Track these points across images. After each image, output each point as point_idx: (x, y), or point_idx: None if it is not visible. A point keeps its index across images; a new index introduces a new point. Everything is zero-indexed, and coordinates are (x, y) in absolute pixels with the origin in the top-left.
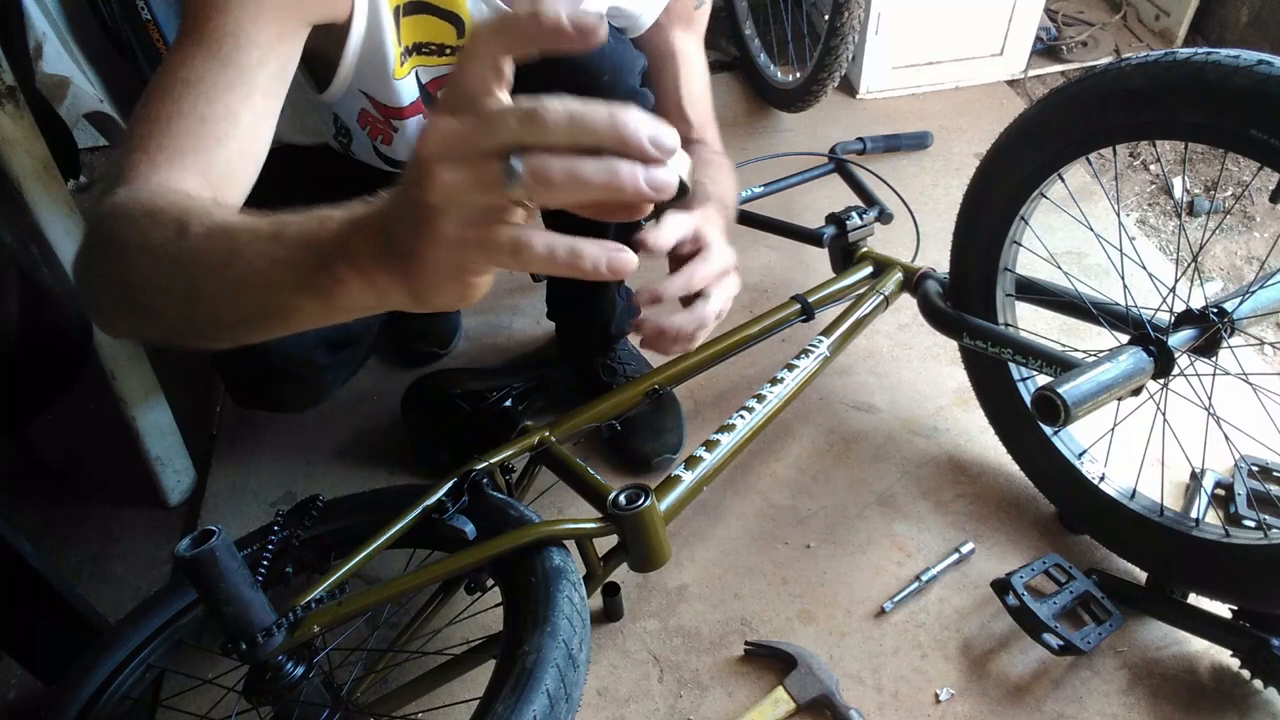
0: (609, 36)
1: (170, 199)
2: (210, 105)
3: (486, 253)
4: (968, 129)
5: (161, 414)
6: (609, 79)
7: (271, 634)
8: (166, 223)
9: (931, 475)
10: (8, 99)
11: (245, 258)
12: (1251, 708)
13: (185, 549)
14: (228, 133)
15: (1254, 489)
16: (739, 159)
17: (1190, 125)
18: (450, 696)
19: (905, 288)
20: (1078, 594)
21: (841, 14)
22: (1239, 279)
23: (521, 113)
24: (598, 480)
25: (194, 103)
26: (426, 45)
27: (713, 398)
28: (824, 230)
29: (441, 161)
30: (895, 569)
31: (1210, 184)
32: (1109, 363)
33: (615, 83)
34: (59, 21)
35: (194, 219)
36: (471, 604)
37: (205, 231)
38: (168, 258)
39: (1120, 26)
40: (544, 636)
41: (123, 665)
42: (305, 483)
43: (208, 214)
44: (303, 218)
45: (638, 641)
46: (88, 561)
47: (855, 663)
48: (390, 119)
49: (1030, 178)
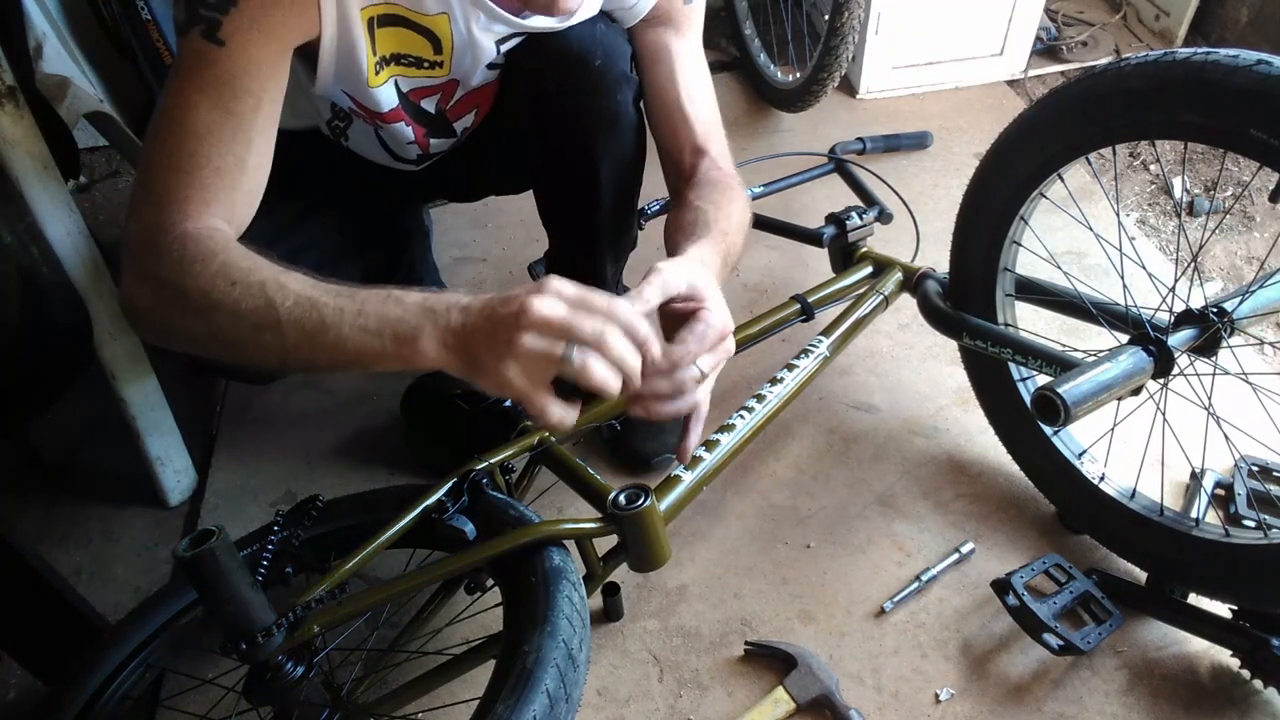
0: (600, 22)
1: (244, 266)
2: (222, 157)
3: (530, 385)
4: (968, 129)
5: (161, 414)
6: (601, 63)
7: (271, 634)
8: (254, 293)
9: (931, 475)
10: (8, 99)
11: (336, 330)
12: (1251, 708)
13: (185, 549)
14: (238, 179)
15: (1254, 489)
16: (739, 159)
17: (1190, 125)
18: (450, 696)
19: (905, 288)
20: (1078, 594)
21: (841, 14)
22: (1239, 279)
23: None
24: (598, 480)
25: (208, 156)
26: (404, 56)
27: (713, 398)
28: (824, 230)
29: (533, 330)
30: (895, 569)
31: (1210, 184)
32: (1109, 363)
33: (607, 67)
34: (59, 21)
35: (275, 292)
36: (471, 604)
37: (294, 304)
38: (265, 325)
39: (1120, 26)
40: (544, 636)
41: (123, 665)
42: (305, 483)
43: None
44: (378, 298)
45: (638, 641)
46: (88, 561)
47: (855, 663)
48: (375, 119)
49: (1030, 178)
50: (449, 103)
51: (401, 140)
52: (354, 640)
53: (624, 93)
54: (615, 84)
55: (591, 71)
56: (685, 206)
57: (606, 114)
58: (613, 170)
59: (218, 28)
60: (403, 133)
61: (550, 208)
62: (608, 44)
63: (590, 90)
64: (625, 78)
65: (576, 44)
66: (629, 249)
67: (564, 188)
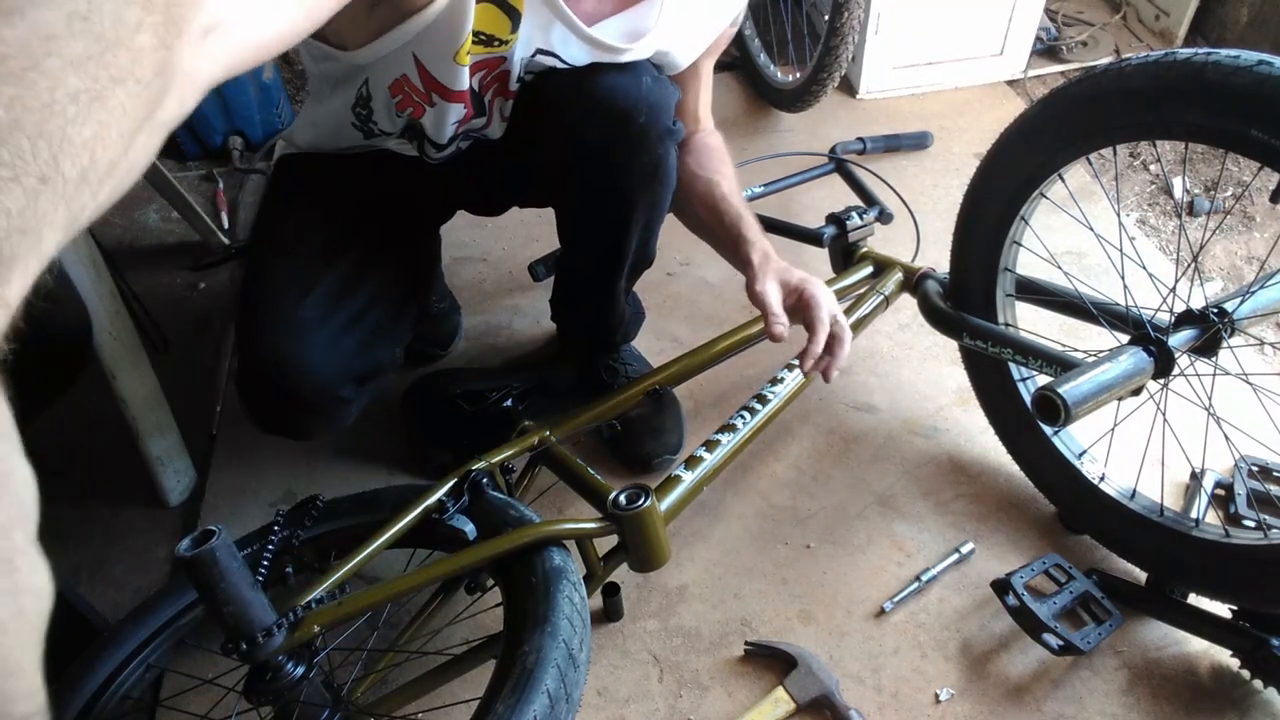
0: (646, 75)
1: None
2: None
3: None
4: (968, 129)
5: (161, 414)
6: (645, 120)
7: (271, 634)
8: None
9: (931, 475)
10: None
11: None
12: (1251, 708)
13: (185, 549)
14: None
15: (1254, 489)
16: (739, 159)
17: (1190, 125)
18: (450, 696)
19: (905, 288)
20: (1078, 594)
21: (841, 14)
22: (1239, 279)
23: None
24: (598, 480)
25: None
26: (482, 34)
27: (713, 398)
28: (824, 230)
29: None
30: (895, 569)
31: (1210, 184)
32: (1109, 363)
33: (650, 124)
34: None
35: None
36: (471, 604)
37: None
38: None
39: (1120, 26)
40: (544, 636)
41: (123, 665)
42: (305, 483)
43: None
44: None
45: (638, 641)
46: (88, 561)
47: (855, 663)
48: (432, 92)
49: (1030, 178)
50: (488, 77)
51: (447, 119)
52: (354, 640)
53: (665, 146)
54: (658, 140)
55: (635, 129)
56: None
57: (647, 170)
58: (645, 216)
59: None
60: (456, 112)
61: (573, 237)
62: (653, 100)
63: (632, 148)
64: (668, 132)
65: (621, 99)
66: (644, 270)
67: (593, 226)
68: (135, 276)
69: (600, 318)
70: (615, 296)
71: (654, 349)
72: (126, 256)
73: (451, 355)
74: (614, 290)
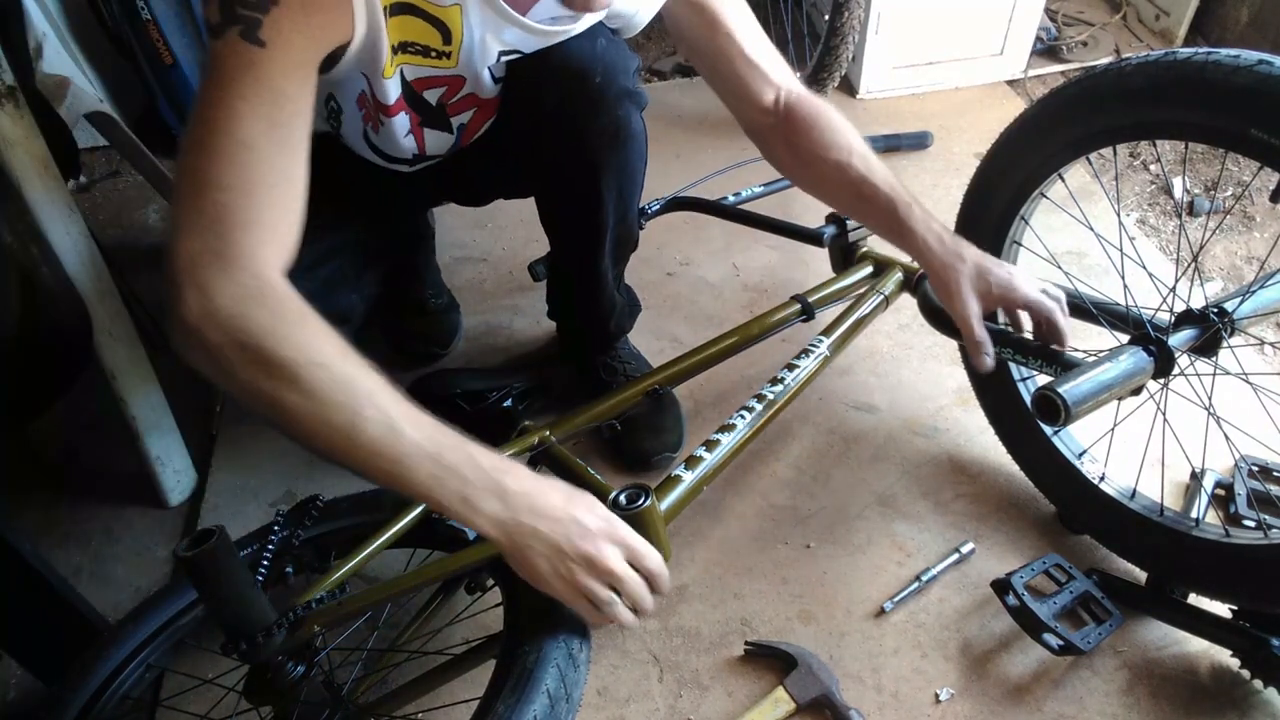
0: (601, 36)
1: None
2: (272, 171)
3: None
4: (968, 129)
5: (161, 414)
6: (601, 79)
7: (271, 634)
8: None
9: (931, 475)
10: (8, 99)
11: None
12: (1251, 708)
13: (185, 549)
14: (287, 195)
15: (1254, 489)
16: (739, 159)
17: (1190, 125)
18: (450, 696)
19: (905, 288)
20: (1078, 594)
21: (841, 14)
22: (1239, 279)
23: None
24: (598, 480)
25: (259, 170)
26: (412, 44)
27: (713, 398)
28: (824, 230)
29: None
30: (895, 569)
31: (1210, 184)
32: (1109, 363)
33: (607, 83)
34: (59, 21)
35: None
36: (471, 604)
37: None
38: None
39: (1120, 26)
40: (544, 636)
41: (123, 665)
42: (305, 483)
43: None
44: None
45: (638, 641)
46: (88, 561)
47: (855, 663)
48: (379, 112)
49: (1030, 178)
50: (453, 98)
51: (397, 134)
52: (354, 640)
53: (626, 108)
54: (617, 100)
55: (591, 88)
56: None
57: (608, 131)
58: (615, 183)
59: (258, 27)
60: (400, 124)
61: (552, 217)
62: (609, 60)
63: (591, 108)
64: (628, 93)
65: (576, 60)
66: (630, 252)
67: (566, 199)
68: (135, 277)
69: (590, 303)
70: (601, 277)
71: (654, 349)
72: (126, 257)
73: (451, 355)
74: (599, 269)
